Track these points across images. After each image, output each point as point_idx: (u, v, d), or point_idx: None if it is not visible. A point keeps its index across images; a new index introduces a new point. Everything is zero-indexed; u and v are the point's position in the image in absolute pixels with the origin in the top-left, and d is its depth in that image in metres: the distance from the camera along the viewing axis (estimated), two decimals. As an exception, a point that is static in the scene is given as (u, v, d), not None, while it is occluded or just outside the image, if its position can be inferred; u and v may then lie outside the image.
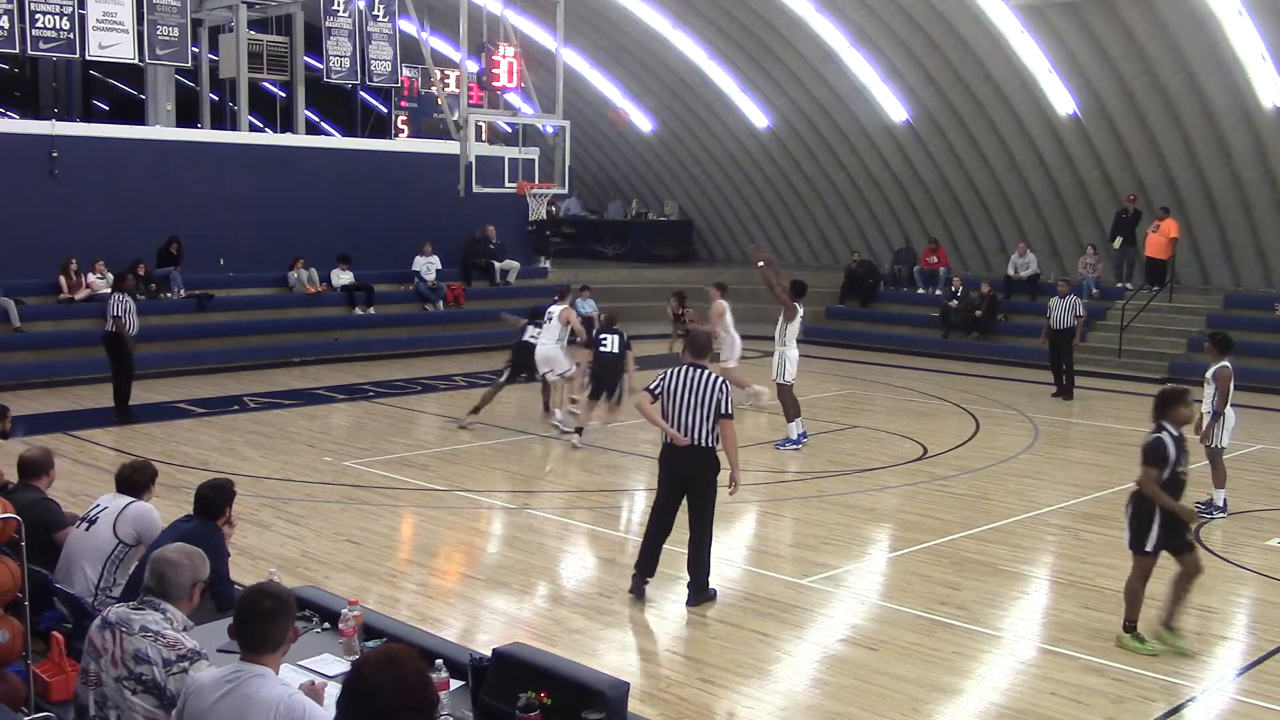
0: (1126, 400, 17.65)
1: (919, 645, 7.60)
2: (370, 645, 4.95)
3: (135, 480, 6.68)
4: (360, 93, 32.83)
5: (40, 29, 18.60)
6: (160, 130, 21.94)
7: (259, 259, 20.98)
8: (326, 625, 5.43)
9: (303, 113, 24.38)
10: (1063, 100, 21.43)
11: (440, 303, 22.47)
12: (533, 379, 14.94)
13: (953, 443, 14.20)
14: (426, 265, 22.46)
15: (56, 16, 18.73)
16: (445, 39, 27.47)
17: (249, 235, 20.96)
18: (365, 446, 13.55)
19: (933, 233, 25.37)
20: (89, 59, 20.59)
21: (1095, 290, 21.70)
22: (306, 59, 24.35)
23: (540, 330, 14.40)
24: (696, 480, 8.20)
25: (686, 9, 24.75)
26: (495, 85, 19.56)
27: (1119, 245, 21.73)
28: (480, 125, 23.73)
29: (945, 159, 24.25)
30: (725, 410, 8.07)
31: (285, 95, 28.49)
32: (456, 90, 23.25)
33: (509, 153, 22.49)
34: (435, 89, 24.80)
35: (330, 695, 4.28)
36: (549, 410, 14.92)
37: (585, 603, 8.45)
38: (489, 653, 4.86)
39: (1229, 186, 20.79)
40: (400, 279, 22.55)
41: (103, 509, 6.56)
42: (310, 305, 21.15)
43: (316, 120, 35.49)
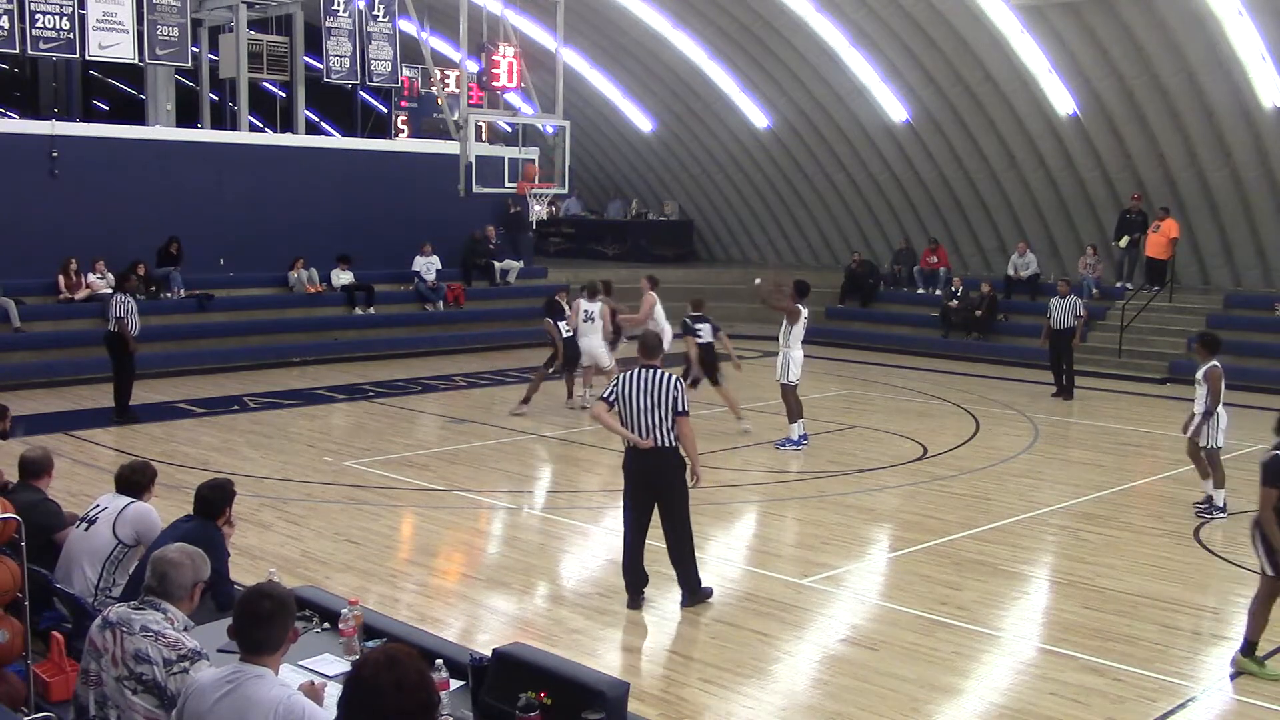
0: (1126, 400, 17.68)
1: (919, 645, 7.60)
2: (370, 645, 4.95)
3: (135, 481, 6.68)
4: (360, 93, 32.79)
5: (40, 29, 18.60)
6: (160, 130, 21.95)
7: (259, 259, 20.99)
8: (326, 625, 5.43)
9: (303, 113, 24.39)
10: (1063, 100, 21.42)
11: (440, 303, 22.47)
12: (573, 372, 16.05)
13: (953, 443, 14.21)
14: (426, 265, 22.46)
15: (56, 16, 18.73)
16: (445, 39, 27.46)
17: (249, 235, 20.96)
18: (365, 446, 13.55)
19: (933, 233, 25.36)
20: (89, 59, 20.58)
21: (1095, 290, 21.67)
22: (306, 59, 24.35)
23: (584, 324, 15.60)
24: (665, 482, 8.12)
25: (686, 9, 24.73)
26: (495, 85, 19.52)
27: (1125, 245, 21.69)
28: (480, 125, 23.74)
29: (945, 159, 24.24)
30: (681, 408, 8.01)
31: (285, 95, 28.49)
32: (456, 90, 23.23)
33: (509, 153, 22.47)
34: (435, 89, 24.78)
35: (330, 695, 4.28)
36: (572, 396, 16.10)
37: (585, 603, 8.45)
38: (489, 653, 4.87)
39: (1229, 186, 20.78)
40: (400, 279, 22.54)
41: (102, 509, 6.56)
42: (310, 305, 21.14)
43: (316, 120, 35.48)
